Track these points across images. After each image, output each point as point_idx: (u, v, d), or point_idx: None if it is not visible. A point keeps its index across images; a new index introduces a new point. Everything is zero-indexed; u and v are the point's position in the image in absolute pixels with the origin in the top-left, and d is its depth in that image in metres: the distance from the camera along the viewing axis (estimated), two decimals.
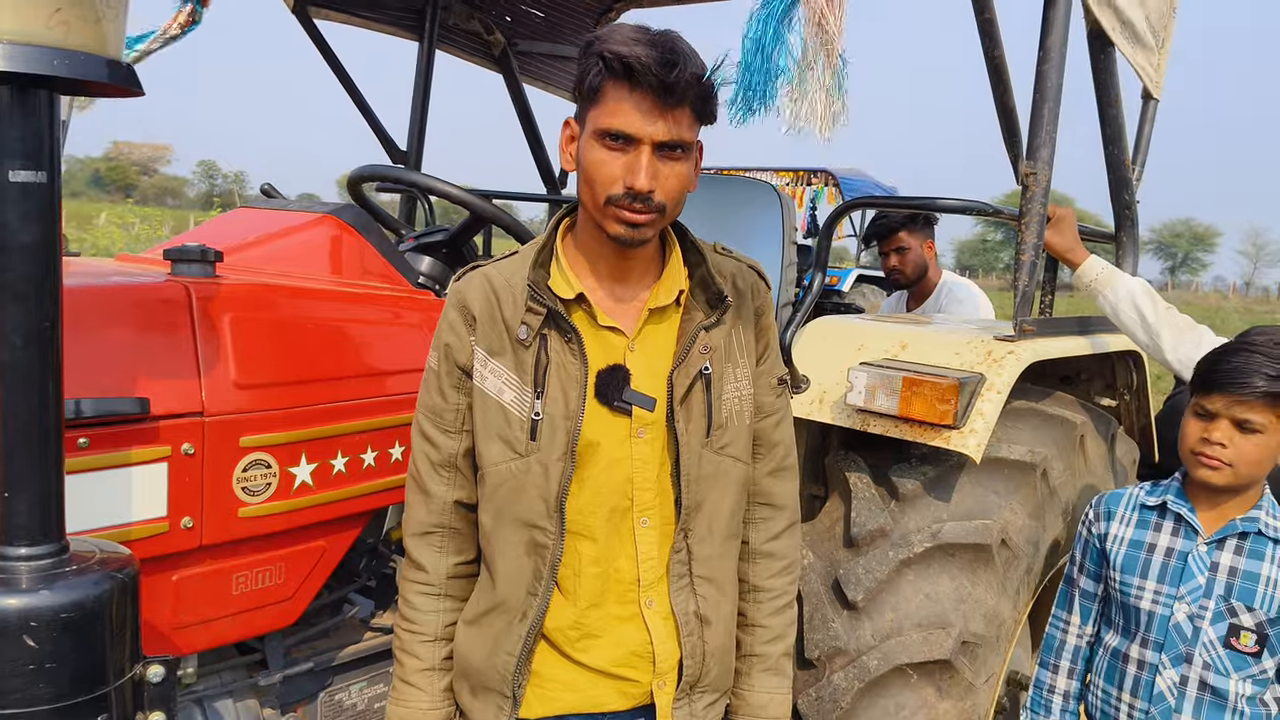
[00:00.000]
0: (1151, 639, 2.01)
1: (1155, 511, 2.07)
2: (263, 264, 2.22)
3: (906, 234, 4.08)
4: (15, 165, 1.27)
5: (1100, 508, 2.16)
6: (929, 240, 4.15)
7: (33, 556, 1.34)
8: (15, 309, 1.30)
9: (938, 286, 4.18)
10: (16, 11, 1.22)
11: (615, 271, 1.60)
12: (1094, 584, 2.17)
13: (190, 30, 2.79)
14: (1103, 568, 2.13)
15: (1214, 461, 1.93)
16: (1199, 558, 1.98)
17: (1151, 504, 2.08)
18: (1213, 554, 1.98)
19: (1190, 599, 1.97)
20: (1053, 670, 2.23)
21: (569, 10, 4.40)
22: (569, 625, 1.59)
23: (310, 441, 1.95)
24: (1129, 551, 2.07)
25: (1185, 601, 1.97)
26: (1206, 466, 1.94)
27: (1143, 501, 2.10)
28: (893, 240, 4.11)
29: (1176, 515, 2.04)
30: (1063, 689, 2.21)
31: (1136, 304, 2.56)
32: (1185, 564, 1.99)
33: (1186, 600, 1.97)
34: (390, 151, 3.98)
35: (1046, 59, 2.44)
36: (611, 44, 1.42)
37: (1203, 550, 1.99)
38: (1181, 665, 1.97)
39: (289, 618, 2.02)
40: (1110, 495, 2.17)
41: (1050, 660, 2.24)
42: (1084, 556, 2.19)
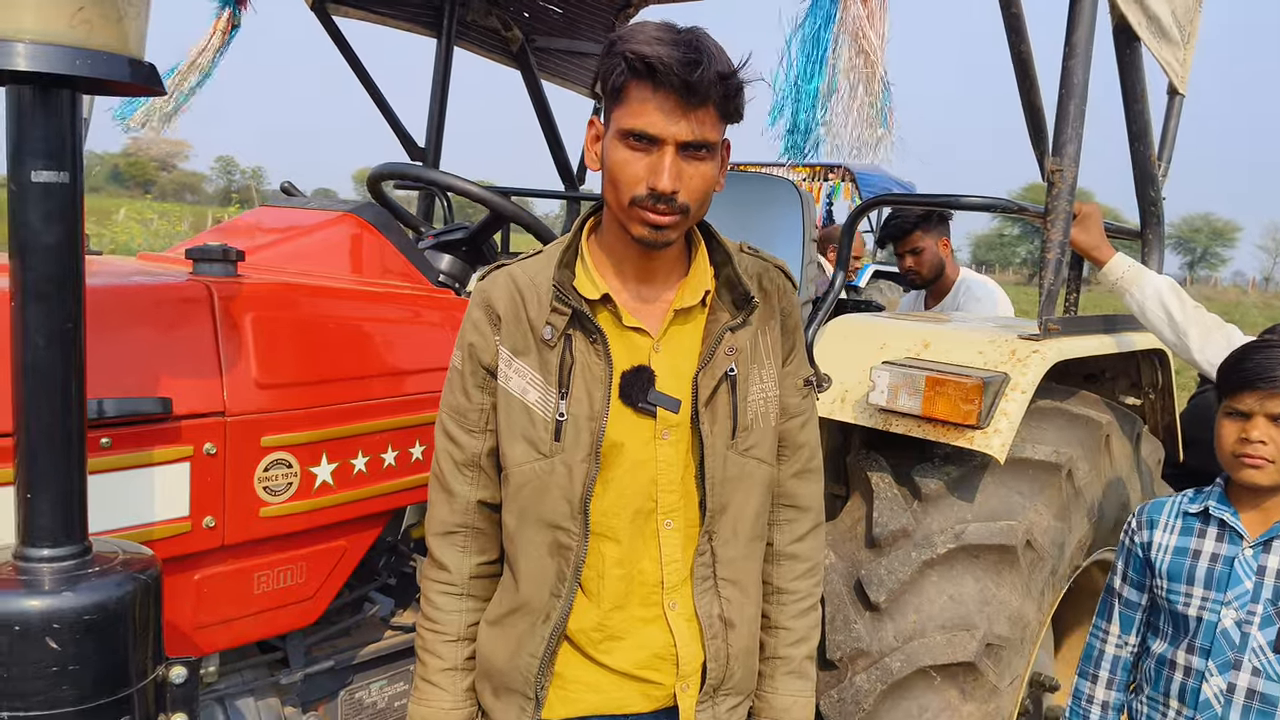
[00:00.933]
0: (1198, 645, 1.98)
1: (1198, 518, 2.05)
2: (284, 263, 2.22)
3: (921, 234, 4.04)
4: (37, 165, 1.27)
5: (1143, 517, 2.13)
6: (944, 238, 4.10)
7: (55, 558, 1.34)
8: (38, 309, 1.30)
9: (955, 284, 4.14)
10: (38, 11, 1.21)
11: (640, 272, 1.58)
12: (1138, 594, 2.14)
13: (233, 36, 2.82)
14: (1147, 577, 2.11)
15: (1257, 460, 1.91)
16: (1245, 562, 1.96)
17: (1194, 511, 2.06)
18: (1259, 557, 1.95)
19: (1238, 604, 1.95)
20: (1092, 680, 2.20)
21: (587, 6, 4.38)
22: (592, 627, 1.58)
23: (331, 441, 1.95)
24: (1174, 559, 2.04)
25: (1233, 607, 1.95)
26: (1250, 467, 1.92)
27: (1185, 509, 2.08)
28: (908, 241, 4.07)
29: (1220, 521, 2.01)
30: (1101, 699, 2.18)
31: (1164, 302, 2.53)
32: (1231, 569, 1.97)
33: (1234, 606, 1.95)
34: (409, 148, 3.97)
35: (1072, 54, 2.41)
36: (634, 43, 1.40)
37: (1248, 554, 1.96)
38: (1229, 672, 1.94)
39: (310, 617, 2.02)
40: (1152, 504, 2.14)
41: (1090, 670, 2.21)
42: (1127, 566, 2.16)
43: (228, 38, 2.90)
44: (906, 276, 4.22)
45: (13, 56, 1.20)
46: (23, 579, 1.32)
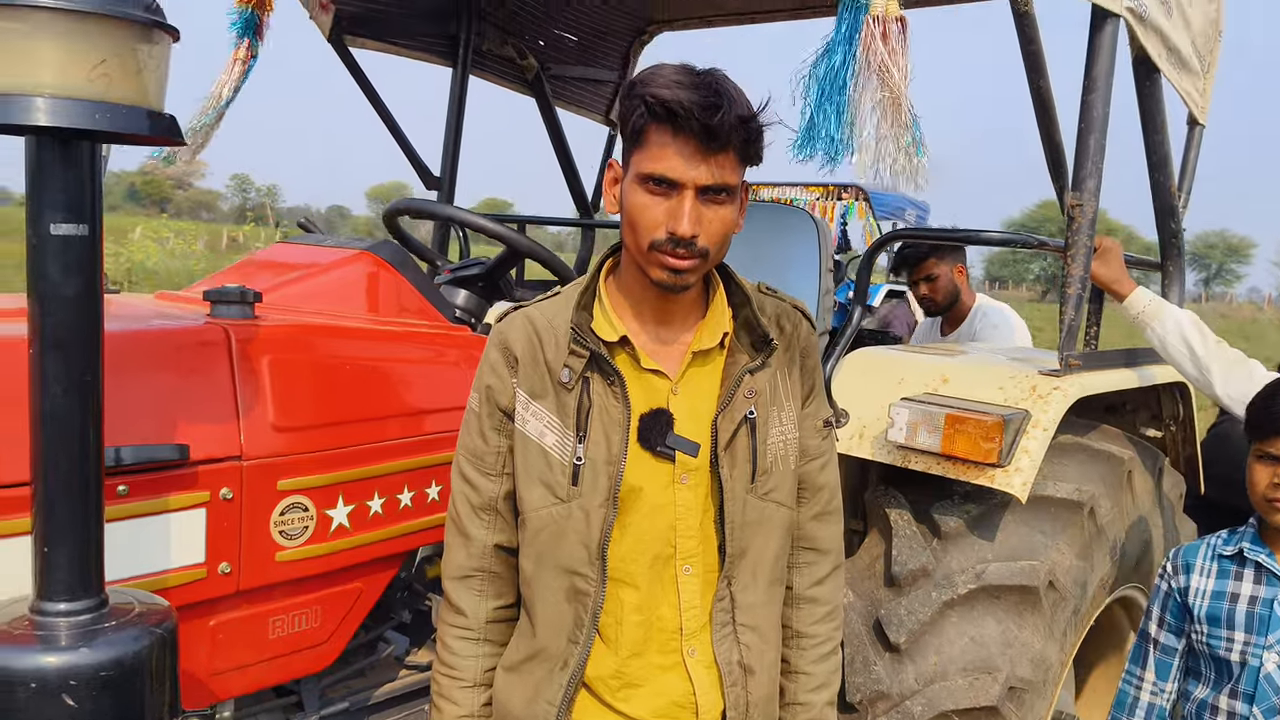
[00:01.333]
0: (1242, 690, 1.96)
1: (1234, 560, 2.03)
2: (301, 302, 2.21)
3: (935, 261, 4.01)
4: (57, 218, 1.27)
5: (1178, 560, 2.10)
6: (959, 265, 4.07)
7: (72, 612, 1.34)
8: (56, 360, 1.30)
9: (972, 311, 4.11)
10: (58, 66, 1.22)
11: (659, 314, 1.57)
12: (1175, 639, 2.11)
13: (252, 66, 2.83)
14: (1185, 621, 2.07)
15: None
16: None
17: (1229, 553, 2.03)
18: None
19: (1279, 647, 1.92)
20: None
21: (602, 34, 4.39)
22: (610, 674, 1.56)
23: (347, 483, 1.94)
24: (1213, 603, 2.01)
25: (1275, 650, 1.92)
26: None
27: (1220, 551, 2.05)
28: (921, 269, 4.04)
29: (1256, 563, 1.98)
30: None
31: (1185, 337, 2.51)
32: (1271, 611, 1.94)
33: (1276, 649, 1.92)
34: (424, 177, 3.98)
35: (1092, 88, 2.39)
36: (654, 86, 1.39)
37: None
38: (1275, 717, 1.91)
39: (325, 660, 2.00)
40: (1187, 547, 2.11)
41: (1121, 717, 2.17)
42: (1164, 611, 2.12)
43: (247, 68, 2.91)
44: (921, 304, 4.21)
45: (33, 111, 1.20)
46: (39, 634, 1.31)
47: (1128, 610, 3.05)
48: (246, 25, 2.88)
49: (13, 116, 1.19)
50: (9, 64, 1.21)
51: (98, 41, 1.24)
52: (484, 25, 4.00)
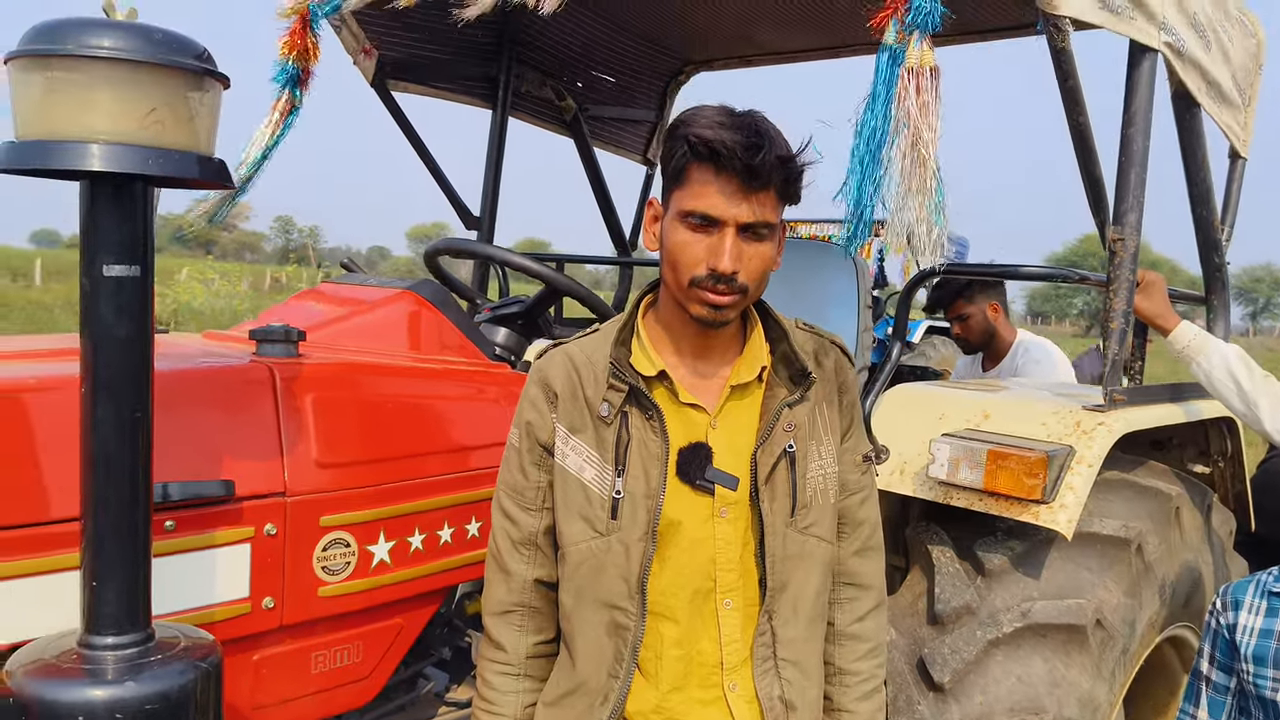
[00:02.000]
0: None
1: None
2: (344, 341, 2.25)
3: (964, 302, 4.00)
4: (110, 260, 1.31)
5: (1228, 597, 2.06)
6: (993, 303, 4.04)
7: (119, 645, 1.36)
8: (108, 400, 1.32)
9: (1013, 347, 4.06)
10: (111, 113, 1.25)
11: (697, 349, 1.58)
12: (1226, 677, 2.06)
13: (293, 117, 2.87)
14: (1234, 659, 2.02)
15: None
16: None
17: (1279, 590, 1.98)
18: None
19: None
20: None
21: (639, 75, 4.45)
22: (651, 709, 1.55)
23: (388, 519, 1.96)
24: (1260, 641, 1.96)
25: None
26: None
27: (1270, 588, 2.00)
28: (952, 309, 4.04)
29: None
30: None
31: (1232, 372, 2.47)
32: None
33: None
34: (464, 218, 4.03)
35: (1131, 123, 2.39)
36: (696, 127, 1.42)
37: None
38: None
39: (367, 696, 2.01)
40: (1237, 584, 2.07)
41: None
42: (1213, 648, 2.08)
43: (286, 120, 2.94)
44: (959, 342, 4.19)
45: (88, 157, 1.24)
46: (87, 668, 1.33)
47: (1178, 650, 2.98)
48: (290, 78, 2.91)
49: (69, 162, 1.23)
50: (66, 112, 1.25)
51: (151, 90, 1.27)
52: (523, 68, 4.06)
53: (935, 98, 1.85)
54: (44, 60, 1.24)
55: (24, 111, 1.26)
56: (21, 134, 1.27)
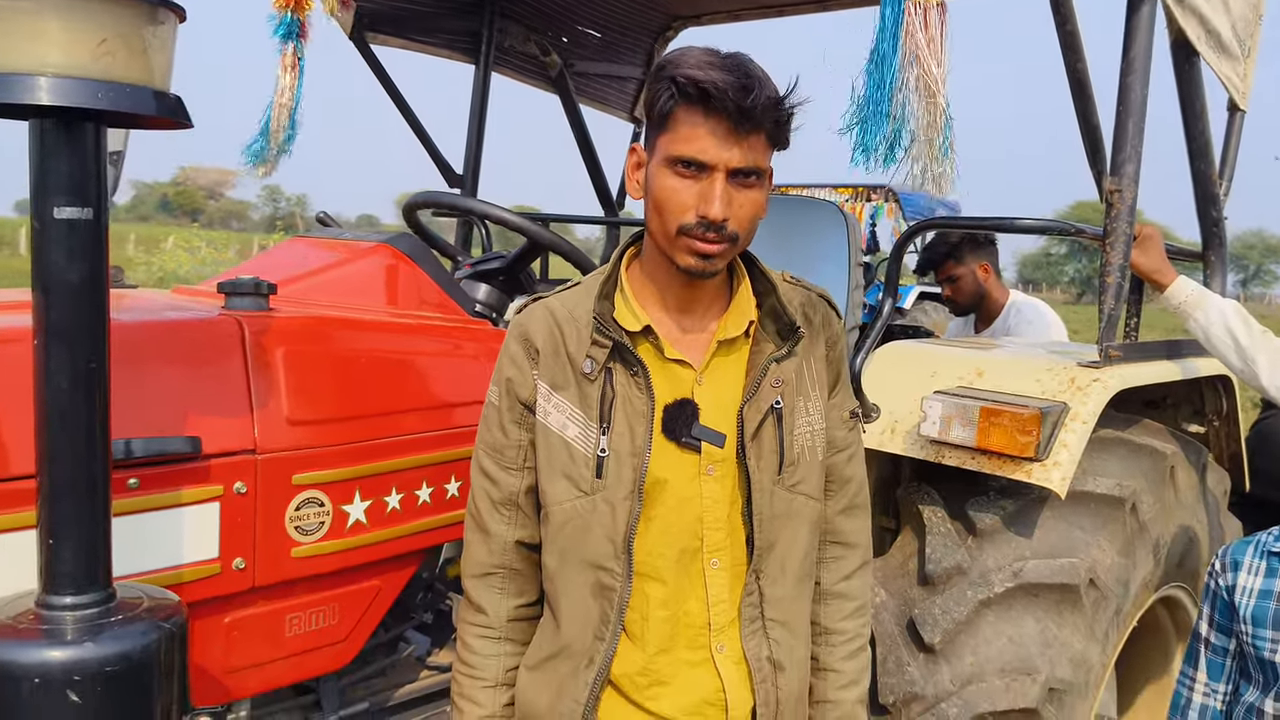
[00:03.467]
0: None
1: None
2: (317, 295, 2.19)
3: (954, 263, 3.99)
4: (60, 202, 1.25)
5: (1226, 558, 2.02)
6: (983, 263, 4.01)
7: (78, 605, 1.31)
8: (60, 350, 1.27)
9: (1005, 307, 4.05)
10: (62, 45, 1.19)
11: (683, 302, 1.53)
12: (1225, 638, 2.02)
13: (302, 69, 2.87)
14: (1233, 621, 1.99)
15: None
16: None
17: (1278, 550, 1.94)
18: None
19: None
20: None
21: (626, 30, 4.36)
22: (637, 671, 1.51)
23: (364, 478, 1.90)
24: (1258, 602, 1.93)
25: None
26: None
27: (1270, 548, 1.96)
28: (942, 270, 4.04)
29: None
30: None
31: (1229, 327, 2.42)
32: None
33: None
34: (447, 176, 3.96)
35: (1130, 70, 2.32)
36: (685, 68, 1.36)
37: None
38: None
39: (344, 659, 1.97)
40: (1236, 544, 2.03)
41: (1176, 718, 2.10)
42: (1213, 610, 2.04)
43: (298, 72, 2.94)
44: (949, 304, 4.19)
45: (36, 90, 1.18)
46: (44, 628, 1.29)
47: (1171, 611, 2.96)
48: (289, 30, 2.90)
49: (17, 95, 1.17)
50: (12, 43, 1.19)
51: (102, 20, 1.21)
52: (506, 22, 3.97)
53: (942, 34, 1.82)
54: None
55: None
56: None
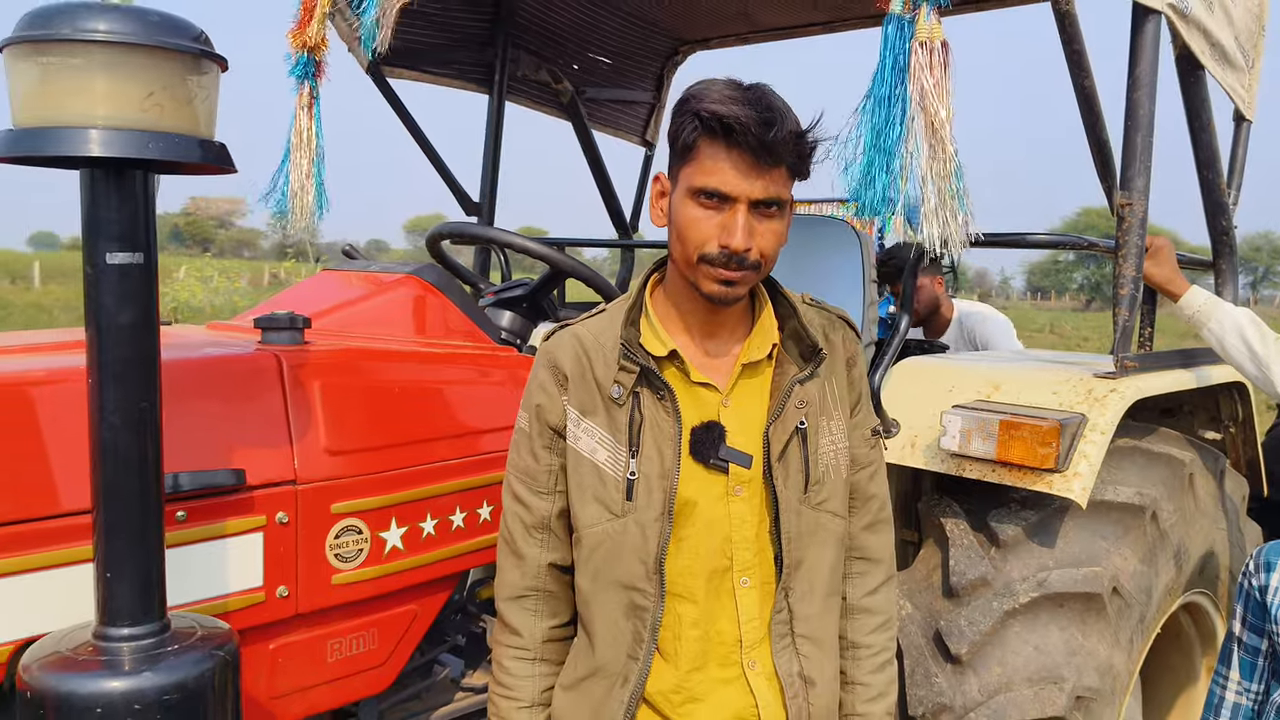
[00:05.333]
0: None
1: None
2: (349, 327, 2.23)
3: (923, 272, 4.19)
4: (113, 247, 1.29)
5: (1260, 559, 2.04)
6: (938, 276, 4.31)
7: (135, 636, 1.35)
8: (114, 389, 1.31)
9: (955, 318, 4.35)
10: (110, 97, 1.24)
11: (707, 327, 1.57)
12: (1257, 638, 2.05)
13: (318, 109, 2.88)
14: (1265, 621, 2.01)
15: None
16: None
17: None
18: None
19: None
20: None
21: (635, 56, 4.42)
22: (671, 689, 1.54)
23: (400, 505, 1.94)
24: None
25: None
26: None
27: None
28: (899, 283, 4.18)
29: None
30: None
31: (1244, 336, 2.45)
32: None
33: None
34: (464, 203, 4.01)
35: (1137, 86, 2.36)
36: (708, 102, 1.40)
37: None
38: None
39: (383, 683, 2.00)
40: (1271, 546, 2.05)
41: (1209, 717, 2.12)
42: (1245, 610, 2.07)
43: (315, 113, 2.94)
44: None
45: (86, 143, 1.22)
46: (103, 659, 1.32)
47: (1195, 617, 2.97)
48: (305, 70, 2.91)
49: (68, 148, 1.21)
50: (63, 98, 1.23)
51: (148, 73, 1.25)
52: (518, 52, 4.03)
53: (946, 74, 1.80)
54: (39, 46, 1.22)
55: (21, 99, 1.24)
56: (19, 122, 1.25)
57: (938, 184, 1.78)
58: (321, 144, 2.88)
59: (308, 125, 2.87)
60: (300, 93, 2.88)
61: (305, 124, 2.87)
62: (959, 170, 1.80)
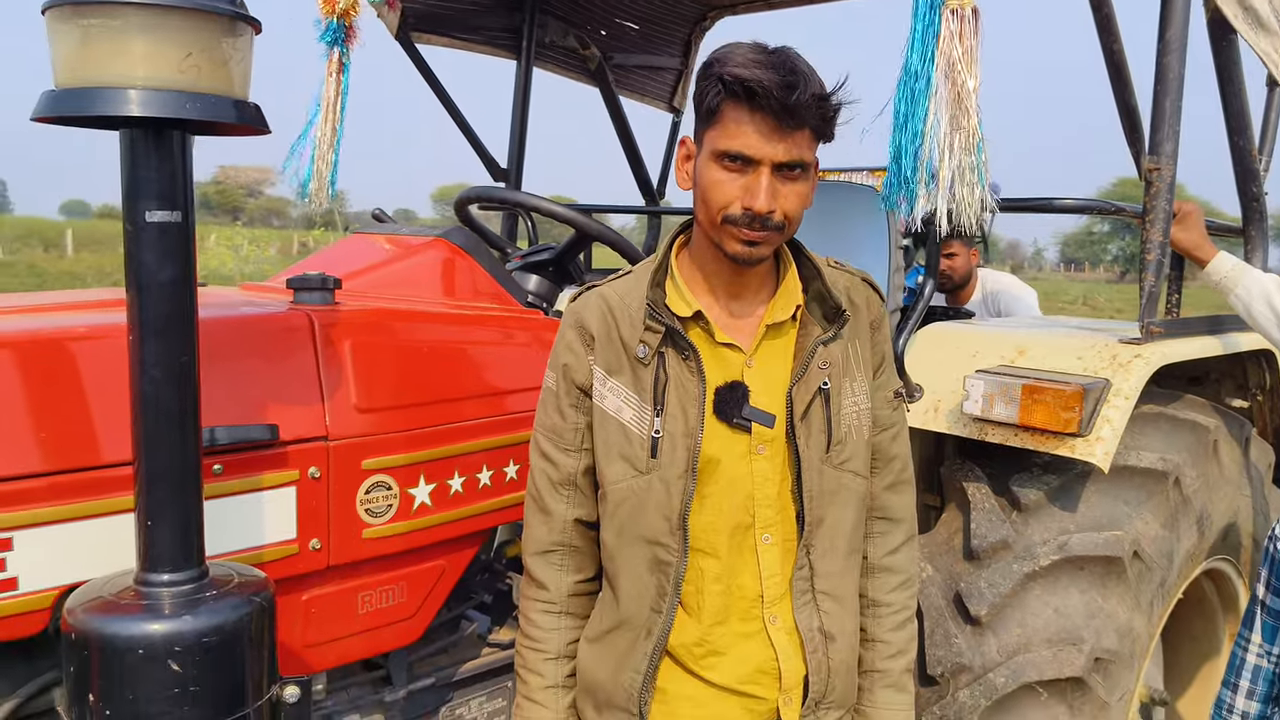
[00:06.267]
0: None
1: None
2: (379, 289, 2.27)
3: (960, 242, 4.25)
4: (152, 206, 1.32)
5: None
6: (974, 249, 4.38)
7: (175, 582, 1.40)
8: (155, 344, 1.35)
9: (979, 286, 4.42)
10: (149, 59, 1.27)
11: (731, 288, 1.59)
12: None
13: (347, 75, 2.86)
14: None
15: None
16: None
17: None
18: None
19: None
20: (1233, 689, 2.14)
21: (663, 22, 4.40)
22: (693, 642, 1.58)
23: (428, 463, 1.99)
24: None
25: None
26: None
27: None
28: (947, 245, 4.25)
29: None
30: (1241, 709, 2.11)
31: (1271, 302, 2.44)
32: None
33: None
34: (491, 169, 4.03)
35: (1167, 50, 2.34)
36: (731, 66, 1.41)
37: None
38: None
39: (412, 635, 2.06)
40: None
41: (1231, 679, 2.15)
42: (1270, 574, 2.08)
43: (343, 80, 2.91)
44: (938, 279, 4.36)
45: (126, 103, 1.25)
46: (145, 603, 1.38)
47: (1217, 584, 2.98)
48: (335, 36, 2.87)
49: (109, 108, 1.25)
50: (103, 59, 1.26)
51: (186, 35, 1.28)
52: (546, 18, 4.03)
53: (976, 43, 1.77)
54: (80, 9, 1.25)
55: (62, 60, 1.28)
56: (60, 83, 1.28)
57: (959, 157, 1.76)
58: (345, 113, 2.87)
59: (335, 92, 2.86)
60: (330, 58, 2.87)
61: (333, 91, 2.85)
62: (981, 143, 1.78)
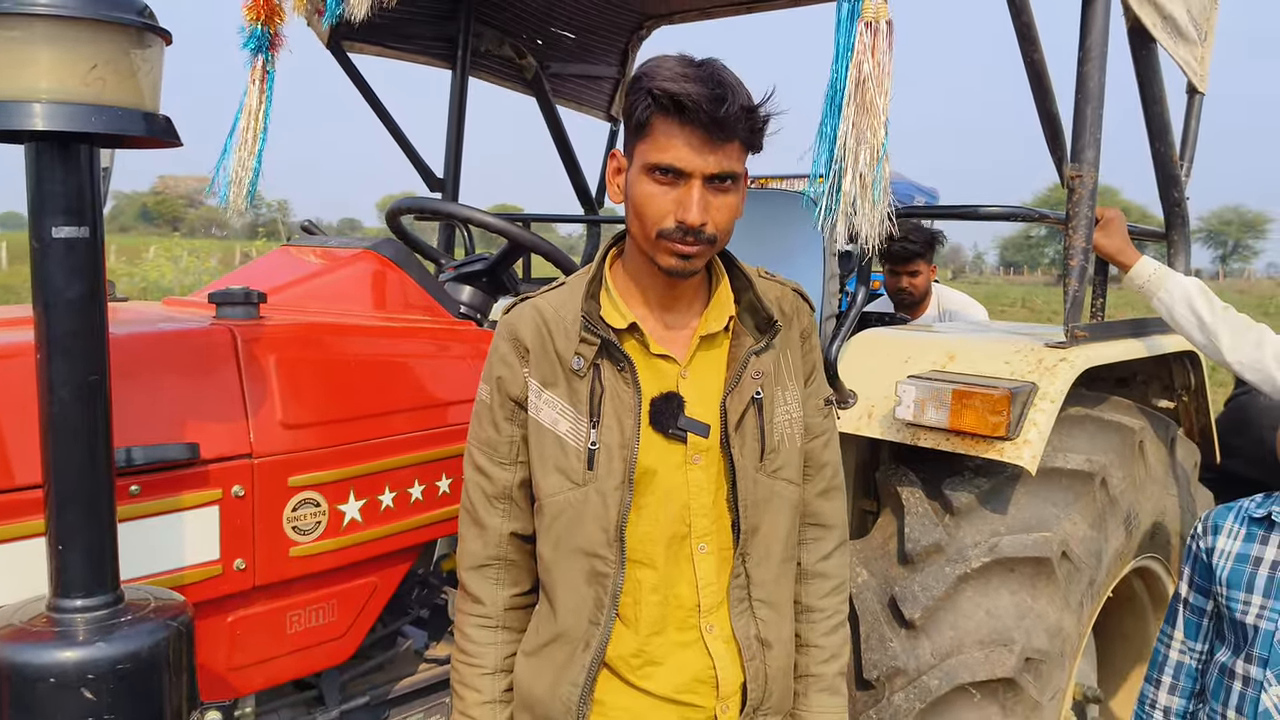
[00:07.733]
0: (1256, 655, 1.95)
1: (1261, 524, 2.01)
2: (305, 302, 2.24)
3: (923, 261, 4.37)
4: (58, 222, 1.29)
5: (1208, 522, 2.10)
6: (933, 265, 4.50)
7: (88, 608, 1.36)
8: (62, 363, 1.32)
9: (933, 302, 4.52)
10: (53, 71, 1.23)
11: (665, 300, 1.60)
12: (1203, 599, 2.11)
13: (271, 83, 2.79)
14: (1211, 582, 2.07)
15: None
16: None
17: (1259, 516, 2.02)
18: None
19: None
20: (1155, 685, 2.18)
21: (600, 31, 4.41)
22: (631, 653, 1.58)
23: (358, 478, 1.96)
24: (1235, 566, 2.01)
25: None
26: None
27: (1251, 514, 2.04)
28: (911, 264, 4.37)
29: None
30: (1164, 704, 2.16)
31: (1192, 305, 2.50)
32: None
33: None
34: (427, 179, 4.00)
35: (1087, 59, 2.39)
36: (659, 80, 1.42)
37: None
38: None
39: (344, 654, 2.02)
40: (1219, 510, 2.11)
41: (1154, 675, 2.19)
42: (1193, 571, 2.13)
43: (267, 88, 2.85)
44: (898, 296, 4.50)
45: (30, 116, 1.22)
46: (57, 630, 1.34)
47: (1147, 582, 3.04)
48: (259, 43, 2.82)
49: (12, 122, 1.21)
50: (6, 71, 1.23)
51: (91, 46, 1.25)
52: (482, 27, 4.02)
53: (889, 55, 1.79)
54: None
55: None
56: None
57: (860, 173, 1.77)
58: (268, 122, 2.80)
59: (258, 101, 2.80)
60: (253, 66, 2.81)
61: (256, 100, 2.79)
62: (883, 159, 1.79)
